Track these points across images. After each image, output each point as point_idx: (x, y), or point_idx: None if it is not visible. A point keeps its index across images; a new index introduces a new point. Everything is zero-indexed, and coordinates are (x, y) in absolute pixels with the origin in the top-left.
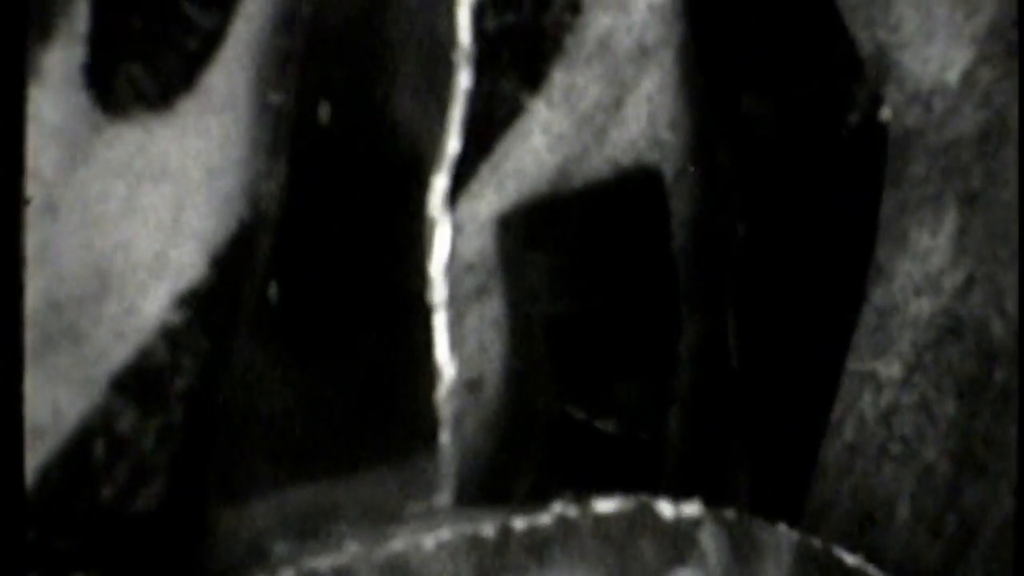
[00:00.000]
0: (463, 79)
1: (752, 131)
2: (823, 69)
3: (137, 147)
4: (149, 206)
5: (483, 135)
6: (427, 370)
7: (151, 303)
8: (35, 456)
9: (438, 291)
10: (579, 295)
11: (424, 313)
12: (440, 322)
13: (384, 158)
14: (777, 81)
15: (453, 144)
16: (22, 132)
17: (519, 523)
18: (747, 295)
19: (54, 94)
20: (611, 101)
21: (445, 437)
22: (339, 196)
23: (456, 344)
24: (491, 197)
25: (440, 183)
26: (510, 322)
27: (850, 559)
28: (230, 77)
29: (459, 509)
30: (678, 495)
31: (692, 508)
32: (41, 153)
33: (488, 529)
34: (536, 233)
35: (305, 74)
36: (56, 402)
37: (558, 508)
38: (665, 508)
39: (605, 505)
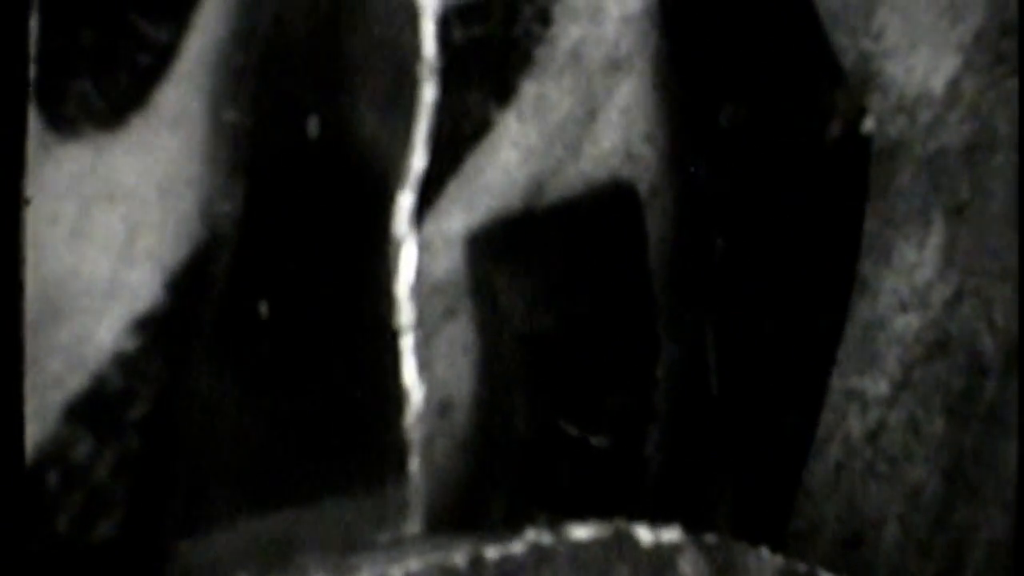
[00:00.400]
0: (428, 92)
1: (731, 143)
2: (804, 78)
3: (87, 167)
4: (101, 228)
5: (451, 150)
6: (395, 394)
7: (104, 329)
8: None
9: (405, 313)
10: (552, 315)
11: (391, 336)
12: (407, 345)
13: (347, 175)
14: (756, 91)
15: (419, 160)
16: (23, 132)
17: (491, 552)
18: (727, 312)
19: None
20: (584, 114)
21: (414, 463)
22: (300, 215)
23: (425, 367)
24: (460, 215)
25: (406, 200)
26: (480, 344)
27: None
28: (184, 93)
29: (429, 537)
30: (657, 519)
31: (671, 533)
32: None
33: (459, 559)
34: (507, 251)
35: (263, 90)
36: None
37: (532, 535)
38: (643, 534)
39: (580, 531)
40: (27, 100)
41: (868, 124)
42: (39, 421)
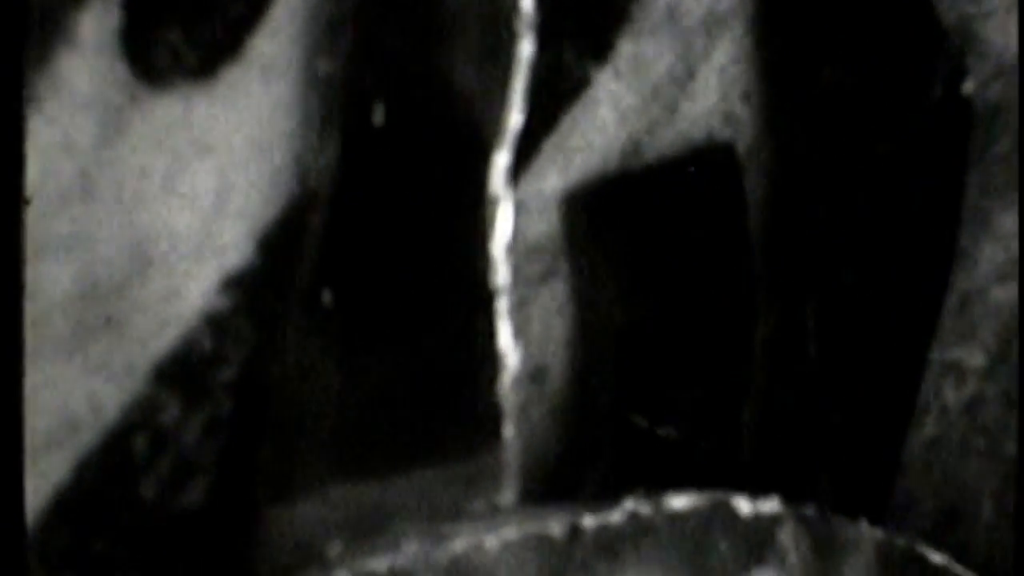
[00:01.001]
0: (525, 48)
1: (830, 105)
2: (905, 39)
3: (178, 120)
4: (191, 183)
5: (547, 108)
6: (489, 359)
7: (195, 288)
8: (71, 451)
9: (501, 274)
10: (648, 278)
11: (486, 298)
12: (503, 308)
13: (443, 132)
14: (856, 52)
15: (515, 117)
16: (22, 132)
17: (588, 521)
18: (826, 280)
19: (88, 62)
20: (681, 72)
21: (509, 430)
22: (395, 173)
23: (519, 331)
24: (556, 174)
25: (502, 159)
26: (576, 308)
27: (936, 557)
28: (277, 44)
29: (524, 507)
30: (755, 492)
31: (770, 504)
32: (74, 125)
33: (556, 528)
34: (603, 213)
35: (357, 41)
36: (94, 394)
37: (630, 505)
38: (742, 505)
39: (679, 502)
40: (27, 100)
41: (968, 86)
42: (126, 384)
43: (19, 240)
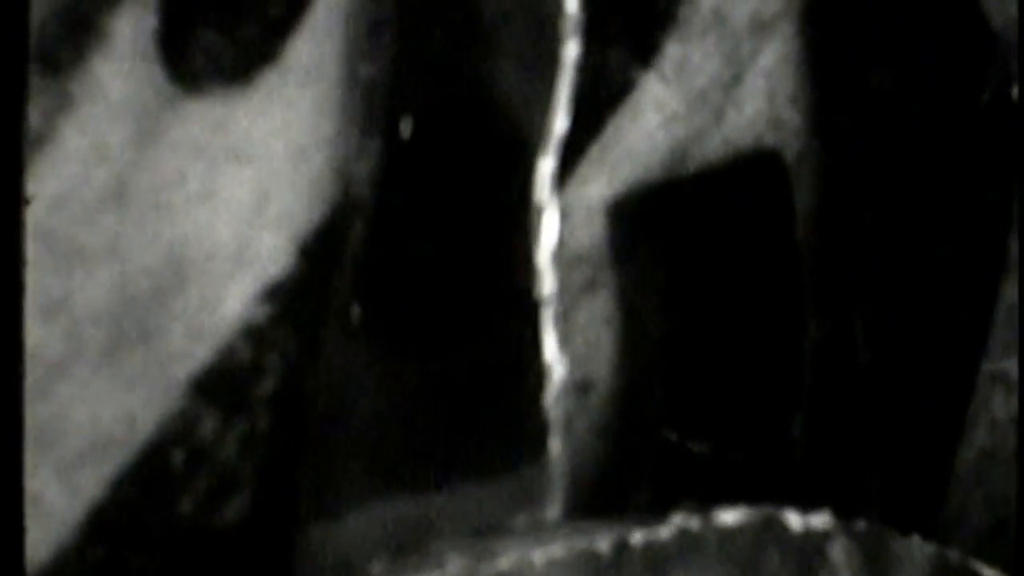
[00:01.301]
0: (570, 50)
1: (879, 109)
2: (954, 42)
3: (215, 124)
4: (229, 190)
5: (592, 112)
6: (535, 370)
7: (232, 297)
8: (107, 466)
9: (547, 283)
10: (695, 288)
11: (531, 308)
12: (548, 317)
13: (486, 137)
14: (905, 55)
15: (560, 122)
16: (22, 132)
17: (637, 537)
18: (875, 289)
19: (122, 65)
20: (728, 77)
21: (555, 443)
22: (438, 179)
23: (564, 342)
24: (601, 181)
25: (547, 165)
26: (621, 318)
27: (988, 572)
28: (317, 47)
29: (571, 522)
30: (805, 505)
31: (821, 519)
32: (108, 131)
33: (603, 544)
34: (649, 221)
35: (399, 45)
36: (129, 408)
37: (678, 520)
38: (793, 519)
39: (729, 516)
40: (60, 105)
41: (1016, 91)
42: (162, 397)
43: (19, 240)
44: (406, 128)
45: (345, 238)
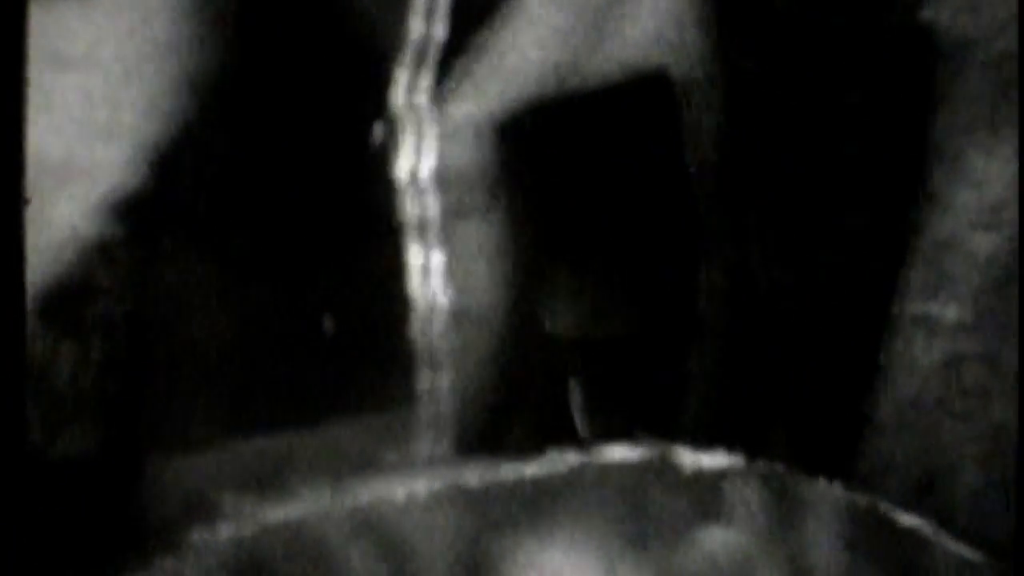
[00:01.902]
0: None
1: (780, 30)
2: None
3: (41, 29)
4: (58, 99)
5: (467, 24)
6: (400, 300)
7: (62, 211)
8: None
9: (408, 205)
10: (581, 212)
11: (394, 233)
12: (413, 244)
13: (339, 43)
14: None
15: (422, 28)
16: (21, 131)
17: (510, 472)
18: (777, 222)
19: None
20: None
21: (424, 376)
22: (288, 87)
23: (437, 271)
24: (476, 99)
25: (404, 75)
26: (502, 246)
27: (905, 519)
28: None
29: (440, 458)
30: (702, 446)
31: (717, 458)
32: None
33: (472, 479)
34: (530, 142)
35: None
36: None
37: (559, 456)
38: (685, 457)
39: (615, 453)
40: (26, 98)
41: (927, 14)
42: None
43: (19, 240)
44: (253, 35)
45: (187, 147)
